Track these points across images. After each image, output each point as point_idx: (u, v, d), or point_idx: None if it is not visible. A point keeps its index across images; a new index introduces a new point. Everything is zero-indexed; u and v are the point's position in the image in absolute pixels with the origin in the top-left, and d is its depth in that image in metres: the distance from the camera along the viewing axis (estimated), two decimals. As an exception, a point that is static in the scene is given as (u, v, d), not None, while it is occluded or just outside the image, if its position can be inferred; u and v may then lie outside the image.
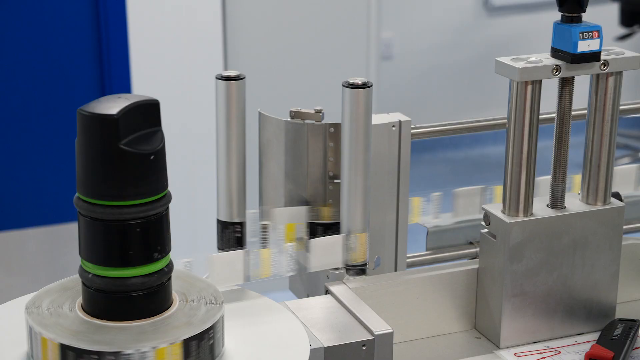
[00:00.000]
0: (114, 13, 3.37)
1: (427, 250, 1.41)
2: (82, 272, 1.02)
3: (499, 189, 1.35)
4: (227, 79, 1.26)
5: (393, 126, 1.32)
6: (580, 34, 1.18)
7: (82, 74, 3.42)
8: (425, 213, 1.38)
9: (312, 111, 1.32)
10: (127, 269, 1.00)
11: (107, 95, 1.01)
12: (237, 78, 1.26)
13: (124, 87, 3.40)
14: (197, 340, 0.99)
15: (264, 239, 1.28)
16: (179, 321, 1.01)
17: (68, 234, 3.45)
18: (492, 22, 5.41)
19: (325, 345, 1.11)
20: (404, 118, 1.33)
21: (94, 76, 3.43)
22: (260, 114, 1.35)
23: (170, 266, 1.04)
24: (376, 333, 1.13)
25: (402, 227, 1.36)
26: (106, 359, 0.95)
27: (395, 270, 1.37)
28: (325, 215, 1.31)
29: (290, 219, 1.32)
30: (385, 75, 4.96)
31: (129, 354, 0.95)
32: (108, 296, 1.01)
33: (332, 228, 1.28)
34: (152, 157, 0.97)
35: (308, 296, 1.34)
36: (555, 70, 1.19)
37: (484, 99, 5.37)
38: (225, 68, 3.56)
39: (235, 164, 1.29)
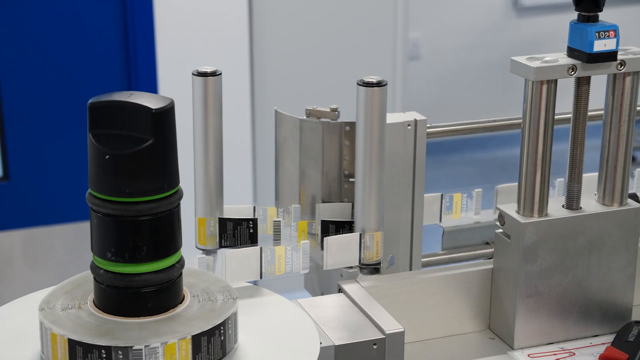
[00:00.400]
0: (141, 12, 3.39)
1: (443, 250, 1.40)
2: (94, 268, 1.02)
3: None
4: (204, 75, 1.25)
5: (408, 125, 1.32)
6: (597, 34, 1.17)
7: (110, 75, 3.44)
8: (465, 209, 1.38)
9: (328, 109, 1.32)
10: (138, 265, 1.00)
11: (118, 91, 1.01)
12: (214, 74, 1.25)
13: (151, 86, 3.42)
14: (206, 336, 1.00)
15: (277, 236, 1.28)
16: (189, 317, 1.01)
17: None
18: (522, 22, 5.39)
19: (336, 344, 1.11)
20: (419, 117, 1.32)
21: (121, 76, 3.45)
22: (276, 112, 1.35)
23: (181, 262, 1.04)
24: (387, 332, 1.12)
25: (417, 227, 1.35)
26: (115, 354, 0.96)
27: (410, 269, 1.37)
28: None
29: (332, 214, 1.31)
30: (413, 75, 4.95)
31: (138, 350, 0.96)
32: (119, 292, 1.01)
33: (344, 226, 1.27)
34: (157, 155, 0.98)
35: (322, 294, 1.34)
36: (570, 70, 1.19)
37: (514, 100, 5.34)
38: (252, 66, 3.57)
39: (213, 161, 1.27)
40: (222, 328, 1.02)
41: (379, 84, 1.22)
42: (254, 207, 1.32)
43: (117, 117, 0.97)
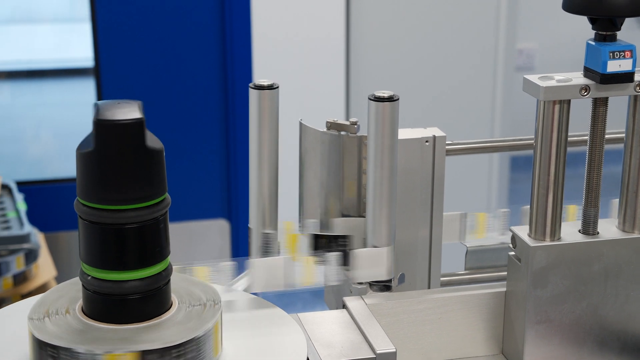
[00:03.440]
0: (238, 17, 3.44)
1: (466, 269, 1.37)
2: (82, 275, 1.04)
3: (481, 216, 1.31)
4: (261, 88, 1.26)
5: (426, 141, 1.29)
6: (611, 54, 1.12)
7: (206, 75, 3.50)
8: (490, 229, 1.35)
9: (348, 123, 1.31)
10: (123, 272, 1.02)
11: (110, 100, 1.03)
12: (271, 87, 1.26)
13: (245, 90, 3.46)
14: (182, 347, 1.00)
15: (266, 249, 1.28)
16: (170, 327, 1.02)
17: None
18: (645, 34, 5.22)
19: (323, 361, 1.10)
20: (439, 133, 1.30)
21: (219, 79, 3.50)
22: (300, 124, 1.35)
23: (168, 271, 1.05)
24: (378, 352, 1.11)
25: (435, 244, 1.33)
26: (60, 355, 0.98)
27: (429, 288, 1.34)
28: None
29: (348, 230, 1.31)
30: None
31: (79, 353, 0.97)
32: (105, 299, 1.03)
33: (335, 240, 1.26)
34: (144, 163, 0.99)
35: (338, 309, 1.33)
36: (583, 91, 1.14)
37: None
38: (347, 80, 3.57)
39: (267, 172, 1.28)
40: (201, 339, 1.02)
41: (390, 99, 1.20)
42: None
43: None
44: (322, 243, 1.30)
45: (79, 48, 5.49)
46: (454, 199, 3.73)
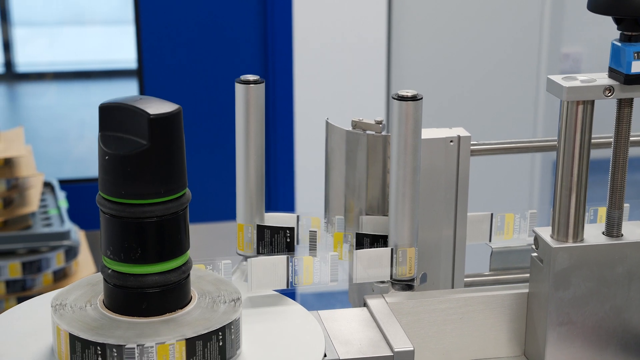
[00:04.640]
0: (280, 15, 3.45)
1: (490, 270, 1.37)
2: (103, 268, 1.05)
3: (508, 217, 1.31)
4: (247, 82, 1.26)
5: (451, 141, 1.29)
6: (635, 54, 1.11)
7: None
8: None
9: (373, 122, 1.31)
10: (142, 266, 1.03)
11: (129, 96, 1.04)
12: (256, 82, 1.26)
13: (287, 89, 3.47)
14: (202, 340, 1.01)
15: (313, 246, 1.28)
16: (189, 320, 1.03)
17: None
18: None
19: (340, 357, 1.11)
20: (464, 133, 1.30)
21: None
22: (326, 122, 1.35)
23: (187, 265, 1.06)
24: (396, 350, 1.11)
25: (459, 245, 1.32)
26: (109, 351, 0.99)
27: (453, 288, 1.34)
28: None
29: (375, 228, 1.31)
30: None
31: (130, 348, 0.98)
32: (124, 292, 1.04)
33: (379, 240, 1.26)
34: (165, 158, 1.00)
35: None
36: (607, 91, 1.14)
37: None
38: (388, 82, 3.57)
39: (253, 167, 1.28)
40: (220, 333, 1.03)
41: (413, 98, 1.20)
42: (298, 216, 1.33)
43: (122, 120, 1.00)
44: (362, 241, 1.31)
45: (124, 50, 5.55)
46: (495, 201, 3.68)
